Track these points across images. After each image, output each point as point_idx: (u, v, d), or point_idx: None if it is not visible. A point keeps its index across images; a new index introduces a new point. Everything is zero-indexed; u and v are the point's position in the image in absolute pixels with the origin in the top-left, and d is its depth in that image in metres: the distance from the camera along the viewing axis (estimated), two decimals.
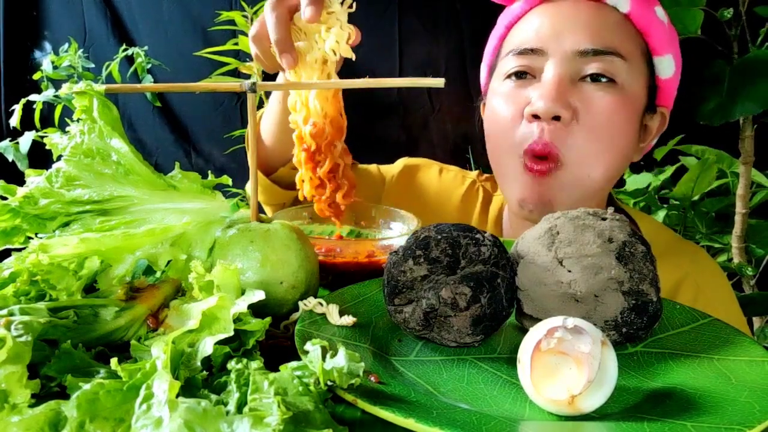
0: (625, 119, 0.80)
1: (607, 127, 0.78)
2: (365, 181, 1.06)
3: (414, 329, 0.50)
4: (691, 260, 0.88)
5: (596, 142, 0.78)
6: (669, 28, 0.84)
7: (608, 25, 0.80)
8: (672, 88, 0.85)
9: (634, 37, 0.81)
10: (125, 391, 0.35)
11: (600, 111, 0.77)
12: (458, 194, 1.03)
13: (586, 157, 0.78)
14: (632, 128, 0.81)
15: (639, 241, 0.50)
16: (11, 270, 0.47)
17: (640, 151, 0.88)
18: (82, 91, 0.55)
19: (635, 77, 0.80)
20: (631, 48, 0.80)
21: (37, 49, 2.07)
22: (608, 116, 0.78)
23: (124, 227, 0.53)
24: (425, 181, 1.06)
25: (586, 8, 0.81)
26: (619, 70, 0.78)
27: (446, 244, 0.49)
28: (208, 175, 0.60)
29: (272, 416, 0.33)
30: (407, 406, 0.39)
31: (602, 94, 0.77)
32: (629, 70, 0.79)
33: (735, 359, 0.47)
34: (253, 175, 0.58)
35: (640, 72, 0.81)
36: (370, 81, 0.59)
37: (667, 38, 0.83)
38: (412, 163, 1.09)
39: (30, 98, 1.84)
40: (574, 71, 0.78)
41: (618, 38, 0.79)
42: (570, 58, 0.78)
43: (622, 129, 0.79)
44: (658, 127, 0.87)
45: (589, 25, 0.79)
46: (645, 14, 0.81)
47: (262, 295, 0.45)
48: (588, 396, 0.39)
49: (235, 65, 1.63)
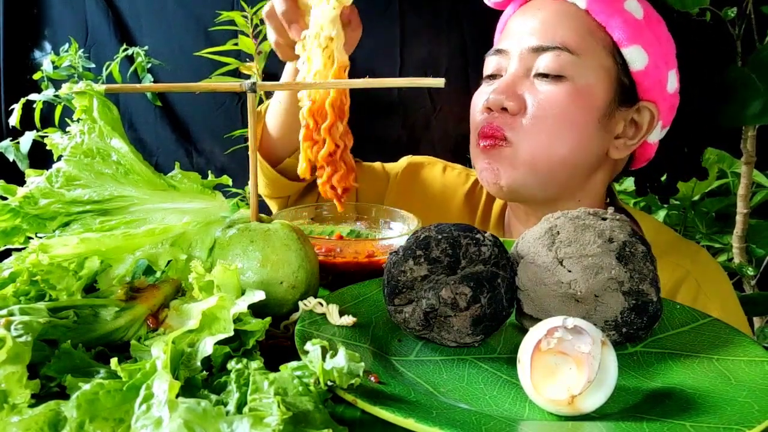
0: (576, 111, 0.83)
1: (554, 117, 0.82)
2: (370, 178, 1.07)
3: (414, 329, 0.50)
4: (692, 260, 0.88)
5: (544, 132, 0.83)
6: (645, 20, 0.85)
7: (562, 22, 0.85)
8: (653, 79, 0.86)
9: (594, 31, 0.85)
10: (125, 391, 0.35)
11: (546, 103, 0.83)
12: (462, 192, 1.04)
13: (534, 143, 0.83)
14: (589, 119, 0.84)
15: (639, 241, 0.50)
16: (11, 270, 0.47)
17: (626, 147, 0.89)
18: (82, 91, 0.55)
19: (590, 70, 0.83)
20: (586, 42, 0.84)
21: (37, 49, 2.07)
22: (555, 107, 0.82)
23: (124, 227, 0.53)
24: (429, 178, 1.07)
25: (549, 8, 0.87)
26: (567, 65, 0.83)
27: (446, 244, 0.49)
28: (208, 175, 0.60)
29: (272, 416, 0.33)
30: (407, 406, 0.39)
31: (549, 88, 0.83)
32: (581, 63, 0.83)
33: (734, 359, 0.47)
34: (253, 175, 0.58)
35: (599, 65, 0.84)
36: (370, 81, 0.59)
37: (635, 30, 0.84)
38: (417, 160, 1.10)
39: (30, 98, 1.84)
40: (527, 68, 0.85)
41: (569, 34, 0.84)
42: (524, 55, 0.85)
43: (571, 120, 0.83)
44: (648, 123, 0.88)
45: (542, 23, 0.85)
46: (605, 9, 0.84)
47: (262, 295, 0.45)
48: (588, 396, 0.39)
49: (236, 65, 1.63)
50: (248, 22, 1.57)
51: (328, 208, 0.81)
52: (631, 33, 0.84)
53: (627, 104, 0.87)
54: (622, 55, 0.84)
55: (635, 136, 0.88)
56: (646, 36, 0.85)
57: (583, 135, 0.84)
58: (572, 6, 0.85)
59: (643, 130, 0.88)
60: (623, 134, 0.88)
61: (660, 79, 0.86)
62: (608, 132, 0.87)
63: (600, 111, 0.84)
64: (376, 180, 1.07)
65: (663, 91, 0.87)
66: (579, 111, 0.83)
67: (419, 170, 1.08)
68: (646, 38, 0.84)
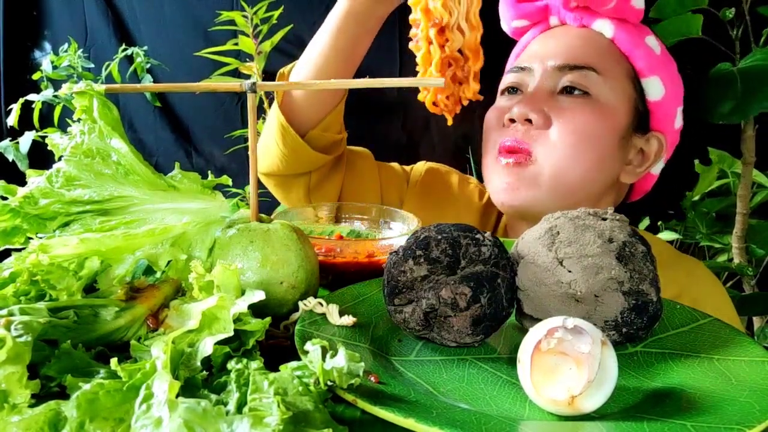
0: (599, 129, 0.85)
1: (578, 134, 0.83)
2: (390, 176, 1.06)
3: (414, 329, 0.50)
4: (687, 274, 0.89)
5: (568, 147, 0.83)
6: (662, 56, 0.89)
7: (589, 45, 0.87)
8: (665, 112, 0.89)
9: (618, 59, 0.87)
10: (125, 391, 0.35)
11: (571, 118, 0.83)
12: (477, 207, 1.04)
13: (558, 159, 0.84)
14: (610, 139, 0.86)
15: (639, 241, 0.50)
16: (11, 270, 0.47)
17: (634, 174, 0.91)
18: (82, 91, 0.55)
19: (614, 92, 0.86)
20: (610, 66, 0.86)
21: (37, 49, 2.07)
22: (579, 123, 0.83)
23: (124, 227, 0.53)
24: (445, 187, 1.08)
25: (574, 33, 0.89)
26: (593, 83, 0.84)
27: (446, 244, 0.49)
28: (208, 176, 0.60)
29: (272, 416, 0.33)
30: (407, 406, 0.39)
31: (575, 104, 0.84)
32: (605, 84, 0.85)
33: (735, 359, 0.47)
34: (253, 175, 0.58)
35: (621, 90, 0.86)
36: (370, 81, 0.59)
37: (655, 63, 0.88)
38: (435, 167, 1.10)
39: (29, 98, 1.84)
40: (552, 84, 0.86)
41: (596, 56, 0.86)
42: (550, 72, 0.86)
43: (594, 137, 0.84)
44: (656, 153, 0.90)
45: (570, 45, 0.88)
46: (630, 39, 0.87)
47: (262, 295, 0.45)
48: (588, 396, 0.39)
49: (236, 65, 1.63)
50: (248, 22, 1.57)
51: (329, 208, 0.81)
52: (652, 65, 0.87)
53: (640, 132, 0.89)
54: (641, 85, 0.88)
55: (642, 164, 0.91)
56: (664, 70, 0.88)
57: (603, 154, 0.86)
58: (598, 34, 0.88)
59: (650, 159, 0.90)
60: (632, 161, 0.90)
61: (671, 113, 0.90)
62: (622, 157, 0.89)
63: (620, 133, 0.86)
64: (396, 180, 1.07)
65: (671, 125, 0.91)
66: (602, 129, 0.85)
67: (439, 178, 1.08)
68: (663, 72, 0.88)
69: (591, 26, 0.88)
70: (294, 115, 0.91)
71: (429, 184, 1.07)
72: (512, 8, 0.92)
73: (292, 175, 0.96)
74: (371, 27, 0.86)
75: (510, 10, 0.93)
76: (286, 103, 0.91)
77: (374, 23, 0.86)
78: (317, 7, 1.76)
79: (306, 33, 1.73)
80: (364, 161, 1.05)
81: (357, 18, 0.83)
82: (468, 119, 0.95)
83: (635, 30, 0.88)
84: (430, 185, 1.07)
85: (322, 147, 0.93)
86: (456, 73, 0.76)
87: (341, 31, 0.85)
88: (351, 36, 0.85)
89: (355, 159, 1.03)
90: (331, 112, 0.92)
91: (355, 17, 0.83)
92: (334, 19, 0.85)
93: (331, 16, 0.86)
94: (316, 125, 0.92)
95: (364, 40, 0.87)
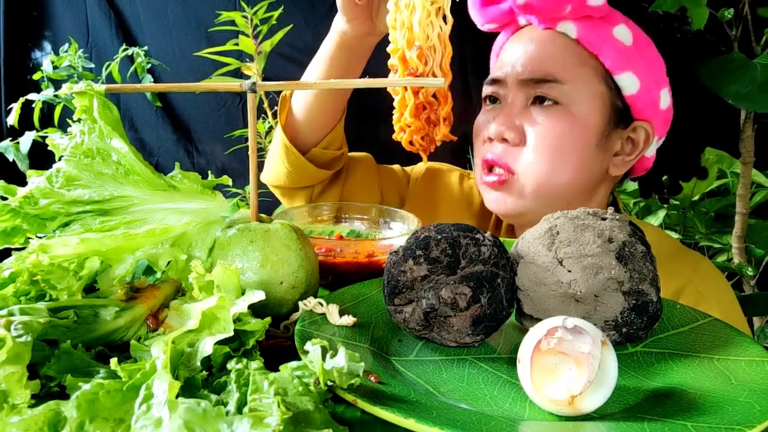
0: (574, 136, 0.86)
1: (554, 146, 0.85)
2: (391, 178, 1.10)
3: (414, 329, 0.50)
4: (693, 268, 0.89)
5: (545, 159, 0.85)
6: (634, 45, 0.87)
7: (552, 53, 0.87)
8: (645, 101, 0.88)
9: (586, 60, 0.87)
10: (125, 392, 0.35)
11: (544, 132, 0.85)
12: (477, 202, 1.07)
13: (537, 172, 0.86)
14: (587, 142, 0.86)
15: (639, 241, 0.50)
16: (11, 270, 0.47)
17: (625, 163, 0.91)
18: (82, 91, 0.55)
19: (584, 97, 0.86)
20: (576, 71, 0.86)
21: (37, 49, 2.07)
22: (553, 135, 0.85)
23: (124, 227, 0.53)
24: (447, 185, 1.09)
25: (539, 38, 0.88)
26: (560, 93, 0.85)
27: (446, 244, 0.49)
28: (209, 175, 0.60)
29: (272, 416, 0.33)
30: (407, 406, 0.39)
31: (547, 115, 0.85)
32: (573, 91, 0.85)
33: (735, 359, 0.47)
34: (253, 175, 0.58)
35: (592, 92, 0.86)
36: (370, 81, 0.59)
37: (626, 56, 0.86)
38: (436, 166, 1.12)
39: (29, 97, 1.84)
40: (523, 97, 0.87)
41: (560, 63, 0.86)
42: (519, 86, 0.88)
43: (570, 145, 0.86)
44: (644, 140, 0.90)
45: (533, 56, 0.87)
46: (596, 36, 0.86)
47: (262, 295, 0.45)
48: (588, 396, 0.39)
49: (236, 65, 1.63)
50: (248, 22, 1.57)
51: (329, 208, 0.82)
52: (622, 60, 0.86)
53: (622, 125, 0.89)
54: (615, 81, 0.87)
55: (632, 152, 0.91)
56: (637, 61, 0.87)
57: (582, 159, 0.87)
58: (562, 36, 0.87)
59: (640, 147, 0.90)
60: (621, 152, 0.90)
61: (652, 100, 0.89)
62: (606, 151, 0.89)
63: (596, 135, 0.87)
64: (397, 183, 1.10)
65: (656, 110, 0.90)
66: (576, 137, 0.86)
67: (439, 176, 1.10)
68: (636, 64, 0.87)
69: (555, 28, 0.87)
70: (296, 135, 0.98)
71: (429, 183, 1.09)
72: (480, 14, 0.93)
73: (296, 188, 1.03)
74: (362, 55, 0.93)
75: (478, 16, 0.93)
76: (289, 124, 0.98)
77: (365, 51, 0.93)
78: (318, 8, 1.76)
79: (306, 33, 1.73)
80: (364, 167, 1.08)
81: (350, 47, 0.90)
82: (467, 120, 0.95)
83: (601, 24, 0.87)
84: (430, 184, 1.09)
85: (324, 163, 1.00)
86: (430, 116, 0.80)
87: (334, 59, 0.92)
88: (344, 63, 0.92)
89: (355, 166, 1.07)
90: (331, 131, 0.98)
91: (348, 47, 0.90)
92: (327, 48, 0.92)
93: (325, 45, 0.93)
94: (317, 144, 0.98)
95: (356, 66, 0.94)
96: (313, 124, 0.97)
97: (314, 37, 0.98)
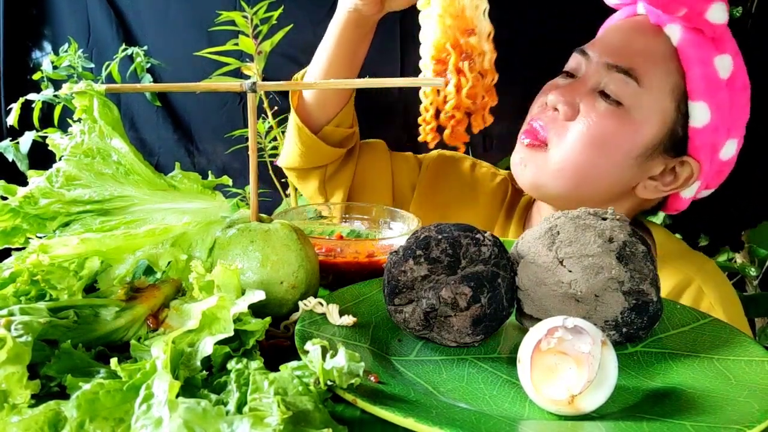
0: (618, 140, 0.84)
1: (595, 138, 0.84)
2: (403, 164, 1.11)
3: (414, 329, 0.50)
4: (698, 268, 0.88)
5: (580, 146, 0.84)
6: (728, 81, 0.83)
7: (646, 50, 0.84)
8: (706, 140, 0.84)
9: (672, 72, 0.83)
10: (125, 391, 0.35)
11: (594, 122, 0.84)
12: (488, 189, 1.08)
13: (567, 154, 0.85)
14: (626, 152, 0.85)
15: (639, 241, 0.50)
16: (11, 270, 0.47)
17: (656, 191, 0.89)
18: (82, 91, 0.55)
19: (649, 109, 0.83)
20: (657, 79, 0.83)
21: (37, 49, 2.07)
22: (599, 130, 0.83)
23: (124, 227, 0.53)
24: (458, 172, 1.10)
25: (643, 29, 0.86)
26: (629, 94, 0.83)
27: (446, 244, 0.49)
28: (209, 175, 0.60)
29: (272, 416, 0.33)
30: (407, 406, 0.39)
31: (604, 110, 0.83)
32: (642, 97, 0.83)
33: (735, 359, 0.47)
34: (253, 175, 0.58)
35: (659, 108, 0.83)
36: (370, 81, 0.59)
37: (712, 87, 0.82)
38: (447, 153, 1.13)
39: (29, 97, 1.84)
40: (596, 81, 0.85)
41: (647, 65, 0.83)
42: (599, 67, 0.86)
43: (610, 146, 0.84)
44: (686, 179, 0.87)
45: (628, 44, 0.85)
46: (696, 54, 0.82)
47: (262, 295, 0.45)
48: (588, 396, 0.39)
49: (237, 65, 1.63)
50: (248, 22, 1.57)
51: (329, 208, 0.82)
52: (705, 89, 0.82)
53: (672, 152, 0.86)
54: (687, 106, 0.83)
55: (669, 185, 0.88)
56: (720, 98, 0.83)
57: (615, 164, 0.85)
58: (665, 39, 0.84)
59: (679, 183, 0.87)
60: (659, 178, 0.88)
61: (714, 143, 0.85)
62: (643, 171, 0.87)
63: (640, 148, 0.84)
64: (409, 170, 1.11)
65: (713, 156, 0.86)
66: (620, 141, 0.84)
67: (449, 163, 1.11)
68: (718, 100, 0.82)
69: (663, 27, 0.84)
70: (308, 115, 1.00)
71: (440, 170, 1.10)
72: None
73: (310, 168, 1.04)
74: (369, 30, 0.94)
75: None
76: (300, 105, 1.00)
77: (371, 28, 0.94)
78: (319, 8, 1.76)
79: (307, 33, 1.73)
80: (376, 151, 1.10)
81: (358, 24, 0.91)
82: None
83: (707, 45, 0.82)
84: (441, 170, 1.10)
85: (336, 141, 1.01)
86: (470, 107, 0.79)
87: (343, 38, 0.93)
88: (353, 41, 0.93)
89: (367, 149, 1.09)
90: (341, 110, 1.00)
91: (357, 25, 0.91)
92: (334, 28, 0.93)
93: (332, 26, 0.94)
94: (328, 122, 1.00)
95: (362, 44, 0.95)
96: (324, 103, 0.99)
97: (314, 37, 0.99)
